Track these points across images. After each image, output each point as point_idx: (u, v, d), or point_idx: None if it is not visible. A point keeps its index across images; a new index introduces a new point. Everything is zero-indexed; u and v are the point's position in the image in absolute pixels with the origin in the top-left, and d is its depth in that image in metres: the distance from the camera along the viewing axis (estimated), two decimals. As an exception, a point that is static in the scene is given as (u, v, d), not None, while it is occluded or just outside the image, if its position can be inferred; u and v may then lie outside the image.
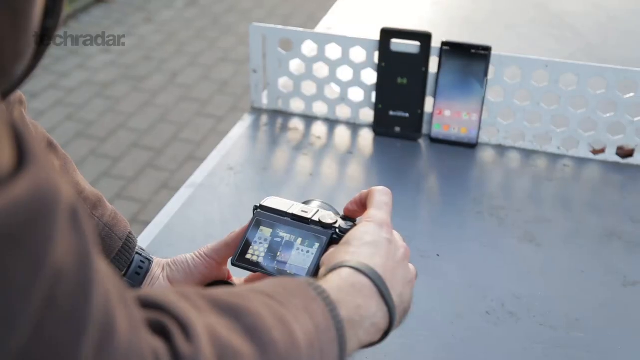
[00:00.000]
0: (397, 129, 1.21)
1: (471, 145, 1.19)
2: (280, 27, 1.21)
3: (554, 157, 1.17)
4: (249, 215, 0.71)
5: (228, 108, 3.15)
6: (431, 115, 1.19)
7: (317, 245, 0.66)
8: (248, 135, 1.22)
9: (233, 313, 0.45)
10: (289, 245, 0.67)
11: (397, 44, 1.16)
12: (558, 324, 0.82)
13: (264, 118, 1.27)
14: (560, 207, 1.05)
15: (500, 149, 1.19)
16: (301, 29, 1.21)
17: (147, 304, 0.41)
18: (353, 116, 1.25)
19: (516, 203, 1.05)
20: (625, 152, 1.16)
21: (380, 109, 1.21)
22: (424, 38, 1.15)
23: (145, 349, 0.36)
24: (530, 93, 1.15)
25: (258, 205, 0.71)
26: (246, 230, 0.70)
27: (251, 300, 0.47)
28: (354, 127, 1.25)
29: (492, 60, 1.14)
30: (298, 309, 0.49)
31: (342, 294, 0.53)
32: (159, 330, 0.39)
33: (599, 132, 1.15)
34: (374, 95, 1.21)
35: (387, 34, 1.16)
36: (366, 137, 1.22)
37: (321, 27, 1.64)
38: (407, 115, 1.20)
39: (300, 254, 0.66)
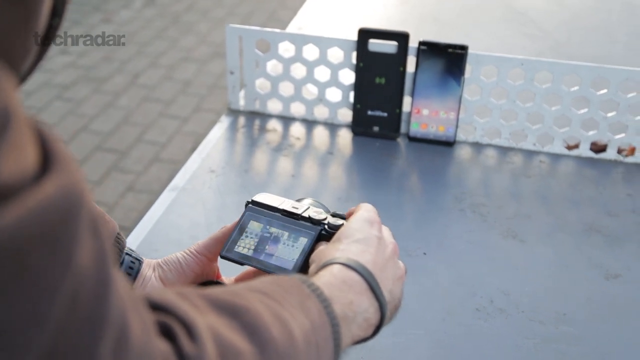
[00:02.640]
0: (376, 128, 1.21)
1: (449, 144, 1.20)
2: (257, 28, 1.20)
3: (530, 154, 1.19)
4: (233, 218, 0.71)
5: (192, 108, 3.12)
6: (409, 114, 1.20)
7: (305, 240, 0.67)
8: (226, 137, 1.21)
9: (232, 312, 0.45)
10: (277, 239, 0.68)
11: (375, 44, 1.17)
12: (547, 319, 0.84)
13: (242, 120, 1.26)
14: (539, 202, 1.07)
15: (478, 146, 1.21)
16: (278, 30, 1.21)
17: (151, 306, 0.41)
18: (331, 116, 1.25)
19: (496, 200, 1.07)
20: (598, 148, 1.18)
21: (358, 108, 1.21)
22: (402, 38, 1.16)
23: (156, 352, 0.37)
24: (506, 91, 1.17)
25: (250, 200, 0.71)
26: (237, 224, 0.70)
27: (248, 298, 0.47)
28: (332, 127, 1.25)
29: (469, 59, 1.15)
30: (294, 306, 0.49)
31: (335, 290, 0.54)
32: (164, 331, 0.40)
33: (573, 129, 1.17)
34: (351, 95, 1.22)
35: (365, 34, 1.17)
36: (345, 137, 1.22)
37: (292, 27, 1.64)
38: (385, 114, 1.21)
39: (287, 248, 0.67)
